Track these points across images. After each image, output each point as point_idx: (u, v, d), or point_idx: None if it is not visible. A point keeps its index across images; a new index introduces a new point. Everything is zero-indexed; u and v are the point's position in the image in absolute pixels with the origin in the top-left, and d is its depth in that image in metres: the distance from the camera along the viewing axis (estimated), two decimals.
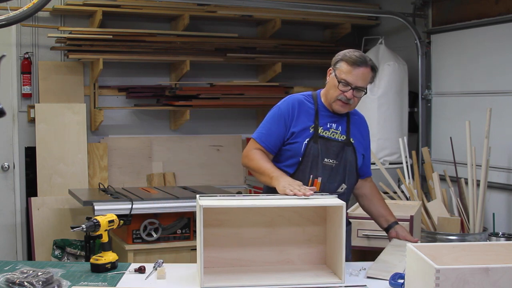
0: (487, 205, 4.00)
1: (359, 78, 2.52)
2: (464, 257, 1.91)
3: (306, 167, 2.56)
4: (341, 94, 2.54)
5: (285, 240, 2.39)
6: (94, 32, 4.58)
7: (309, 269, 2.36)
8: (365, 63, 2.53)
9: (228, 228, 2.37)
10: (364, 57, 2.56)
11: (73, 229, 2.31)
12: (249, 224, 2.38)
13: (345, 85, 2.53)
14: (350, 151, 2.62)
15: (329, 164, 2.58)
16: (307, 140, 2.56)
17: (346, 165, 2.60)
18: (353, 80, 2.52)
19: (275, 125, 2.62)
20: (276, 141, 2.61)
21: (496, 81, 4.09)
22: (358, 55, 2.55)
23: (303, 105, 2.63)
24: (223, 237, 2.36)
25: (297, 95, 2.69)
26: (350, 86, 2.52)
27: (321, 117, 2.61)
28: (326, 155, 2.57)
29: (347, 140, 2.62)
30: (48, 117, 4.62)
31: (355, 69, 2.52)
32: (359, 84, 2.53)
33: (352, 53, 2.56)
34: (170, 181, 5.01)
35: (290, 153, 2.60)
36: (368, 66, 2.54)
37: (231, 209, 2.35)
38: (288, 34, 5.32)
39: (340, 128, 2.63)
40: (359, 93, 2.54)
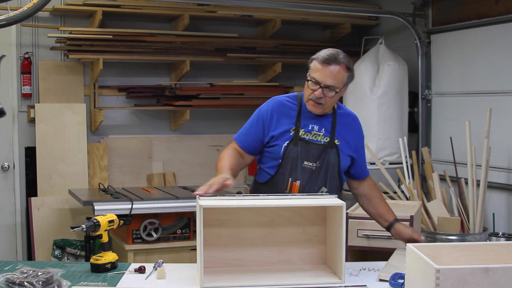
0: (487, 205, 4.00)
1: (328, 76, 2.47)
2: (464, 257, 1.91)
3: (286, 170, 2.55)
4: (312, 93, 2.51)
5: (285, 240, 2.40)
6: (94, 32, 4.58)
7: (309, 269, 2.36)
8: (336, 61, 2.47)
9: (228, 228, 2.37)
10: (336, 55, 2.49)
11: (73, 229, 2.31)
12: (249, 224, 2.38)
13: (314, 83, 2.50)
14: (333, 153, 2.57)
15: (308, 167, 2.55)
16: (286, 143, 2.54)
17: (328, 168, 2.57)
18: (321, 78, 2.48)
19: (253, 127, 2.63)
20: (254, 142, 2.61)
21: (496, 81, 4.09)
22: (329, 53, 2.49)
23: (285, 108, 2.61)
24: (223, 237, 2.36)
25: (280, 97, 2.67)
26: (319, 84, 2.48)
27: (303, 119, 2.58)
28: (306, 158, 2.55)
29: (330, 142, 2.57)
30: (48, 117, 4.62)
31: (325, 67, 2.47)
32: (328, 82, 2.47)
33: (325, 52, 2.51)
34: (170, 181, 5.01)
35: (271, 155, 2.59)
36: (339, 64, 2.47)
37: (231, 209, 2.35)
38: (288, 34, 5.32)
39: (324, 129, 2.59)
40: (330, 92, 2.49)
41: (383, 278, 2.22)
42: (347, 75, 2.52)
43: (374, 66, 4.62)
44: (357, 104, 4.62)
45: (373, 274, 2.31)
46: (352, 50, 5.39)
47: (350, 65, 2.53)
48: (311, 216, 2.40)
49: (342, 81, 2.51)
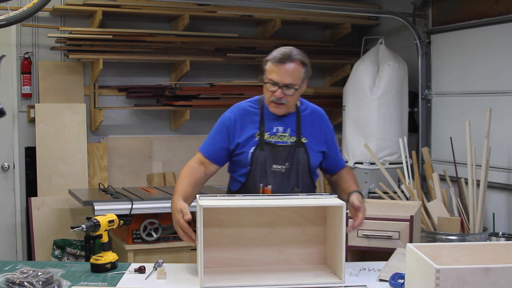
0: (487, 205, 4.00)
1: (285, 74, 2.43)
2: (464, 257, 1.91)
3: (256, 176, 2.52)
4: (272, 95, 2.47)
5: (285, 240, 2.40)
6: (94, 32, 4.58)
7: (309, 269, 2.36)
8: (290, 59, 2.44)
9: (228, 228, 2.37)
10: (289, 53, 2.45)
11: (73, 229, 2.31)
12: (249, 224, 2.38)
13: (273, 84, 2.46)
14: (301, 152, 2.55)
15: (278, 170, 2.53)
16: (253, 149, 2.52)
17: (298, 168, 2.54)
18: (278, 78, 2.44)
19: (218, 136, 2.59)
20: (219, 151, 2.57)
21: (496, 81, 4.09)
22: (282, 52, 2.46)
23: (248, 113, 2.57)
24: (223, 237, 2.37)
25: (242, 103, 2.63)
26: (278, 84, 2.45)
27: (267, 122, 2.55)
28: (274, 161, 2.52)
29: (297, 141, 2.54)
30: (48, 117, 4.62)
31: (279, 66, 2.43)
32: (286, 81, 2.44)
33: (278, 51, 2.47)
34: (170, 181, 5.01)
35: (239, 163, 2.57)
36: (293, 61, 2.44)
37: (231, 209, 2.35)
38: (288, 34, 5.32)
39: (289, 129, 2.56)
40: (289, 90, 2.45)
41: (383, 278, 2.22)
42: (304, 70, 2.48)
43: (374, 66, 4.62)
44: (357, 104, 4.62)
45: (373, 274, 2.31)
46: (352, 50, 5.40)
47: (305, 60, 2.49)
48: (311, 216, 2.40)
49: (299, 77, 2.47)
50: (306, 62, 2.50)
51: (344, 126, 4.77)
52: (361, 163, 4.58)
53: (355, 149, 4.60)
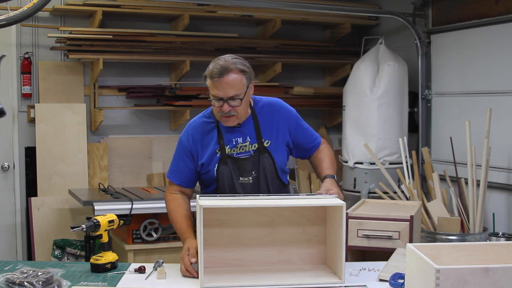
0: (487, 205, 4.00)
1: (226, 88, 2.36)
2: (464, 257, 1.91)
3: (224, 191, 2.48)
4: (220, 110, 2.41)
5: (285, 240, 2.40)
6: (94, 32, 4.58)
7: (309, 269, 2.36)
8: (227, 71, 2.35)
9: (228, 228, 2.37)
10: (224, 65, 2.36)
11: (73, 229, 2.31)
12: (249, 224, 2.38)
13: (217, 100, 2.39)
14: (265, 158, 2.49)
15: (246, 182, 2.50)
16: (216, 166, 2.47)
17: (265, 174, 2.51)
18: (221, 93, 2.37)
19: (181, 160, 2.54)
20: (188, 174, 2.53)
21: (496, 81, 4.09)
22: (218, 65, 2.37)
23: (204, 129, 2.53)
24: (223, 237, 2.37)
25: (196, 120, 2.58)
26: (222, 99, 2.38)
27: (225, 134, 2.50)
28: (240, 174, 2.49)
29: (259, 148, 2.49)
30: (48, 117, 4.62)
31: (219, 81, 2.36)
32: (229, 94, 2.36)
33: (213, 66, 2.40)
34: None
35: (207, 181, 2.53)
36: (231, 72, 2.36)
37: (231, 209, 2.35)
38: (288, 34, 5.32)
39: (248, 138, 2.50)
40: (235, 101, 2.37)
41: (383, 278, 2.22)
42: (245, 77, 2.40)
43: (374, 66, 4.62)
44: (357, 104, 4.62)
45: (373, 274, 2.31)
46: (352, 50, 5.40)
47: (243, 67, 2.40)
48: (311, 216, 2.40)
49: (242, 85, 2.39)
50: (245, 69, 2.41)
51: (344, 126, 4.77)
52: (361, 163, 4.58)
53: (355, 149, 4.60)
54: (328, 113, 5.58)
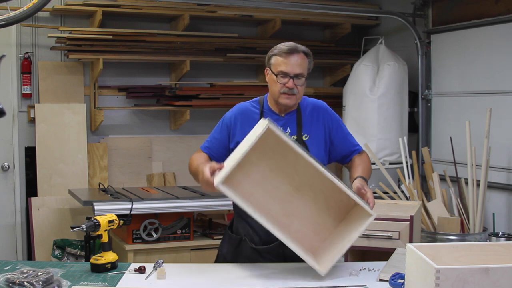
0: (487, 205, 4.00)
1: (295, 65, 2.48)
2: (464, 257, 1.91)
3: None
4: (283, 87, 2.49)
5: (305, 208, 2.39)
6: (94, 32, 4.58)
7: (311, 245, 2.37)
8: (297, 50, 2.49)
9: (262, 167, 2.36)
10: (294, 45, 2.52)
11: (73, 229, 2.31)
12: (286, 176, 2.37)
13: (284, 76, 2.48)
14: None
15: None
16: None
17: None
18: (289, 69, 2.47)
19: (218, 134, 2.63)
20: (219, 149, 2.59)
21: (496, 81, 4.09)
22: (287, 44, 2.51)
23: (248, 113, 2.59)
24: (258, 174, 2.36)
25: (243, 103, 2.66)
26: (289, 75, 2.47)
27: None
28: None
29: (298, 139, 2.53)
30: (48, 117, 4.62)
31: (288, 58, 2.48)
32: (296, 71, 2.47)
33: (282, 45, 2.52)
34: (170, 181, 5.01)
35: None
36: (300, 53, 2.50)
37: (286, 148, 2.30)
38: (288, 34, 5.31)
39: (289, 128, 2.56)
40: (299, 80, 2.49)
41: (383, 278, 2.22)
42: (308, 61, 2.53)
43: (374, 66, 4.62)
44: (357, 104, 4.62)
45: (373, 274, 2.31)
46: (352, 50, 5.40)
47: (309, 52, 2.55)
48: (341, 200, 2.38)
49: (306, 68, 2.52)
50: (310, 54, 2.55)
51: None
52: None
53: None
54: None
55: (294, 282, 2.22)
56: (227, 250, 2.63)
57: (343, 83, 4.98)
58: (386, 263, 2.38)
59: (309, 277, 2.27)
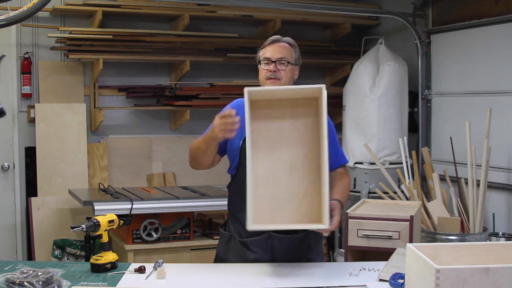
0: (487, 205, 4.00)
1: (276, 51, 2.62)
2: (464, 257, 1.91)
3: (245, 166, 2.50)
4: (267, 72, 2.62)
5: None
6: (94, 32, 4.58)
7: None
8: (279, 40, 2.66)
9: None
10: (278, 36, 2.68)
11: (73, 229, 2.31)
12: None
13: (267, 62, 2.62)
14: None
15: None
16: (243, 139, 2.55)
17: None
18: (271, 54, 2.62)
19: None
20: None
21: (496, 81, 4.09)
22: (273, 36, 2.69)
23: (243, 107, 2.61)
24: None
25: (241, 99, 2.71)
26: (271, 60, 2.61)
27: None
28: None
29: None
30: (48, 117, 4.62)
31: (271, 45, 2.64)
32: (278, 55, 2.61)
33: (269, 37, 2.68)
34: (170, 181, 5.01)
35: (231, 154, 2.63)
36: (282, 42, 2.66)
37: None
38: (288, 34, 5.22)
39: None
40: (282, 65, 2.60)
41: (383, 278, 2.22)
42: (293, 50, 2.67)
43: (374, 66, 4.62)
44: (357, 104, 4.62)
45: (373, 274, 2.31)
46: (352, 50, 5.40)
47: (293, 42, 2.70)
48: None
49: (291, 55, 2.65)
50: (294, 45, 2.69)
51: (344, 126, 4.77)
52: (361, 163, 4.59)
53: (355, 149, 4.60)
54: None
55: (294, 282, 2.22)
56: (219, 248, 2.67)
57: (343, 83, 4.98)
58: (386, 263, 2.38)
59: (310, 277, 2.27)
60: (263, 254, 2.52)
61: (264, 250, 2.52)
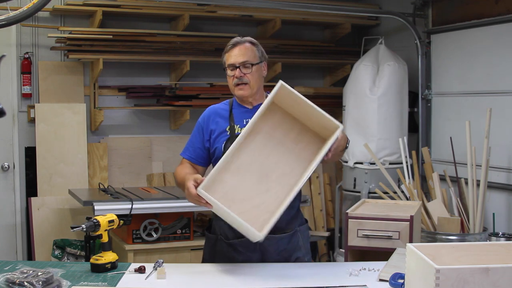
0: (487, 205, 4.00)
1: (238, 55, 2.57)
2: (464, 257, 1.91)
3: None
4: (234, 79, 2.58)
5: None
6: (94, 32, 4.58)
7: None
8: (239, 42, 2.60)
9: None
10: (238, 38, 2.63)
11: (73, 229, 2.31)
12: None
13: (232, 68, 2.58)
14: None
15: None
16: (224, 143, 2.58)
17: None
18: (234, 59, 2.57)
19: (195, 137, 2.68)
20: (199, 151, 2.65)
21: (496, 81, 4.09)
22: (232, 41, 2.63)
23: (219, 110, 2.67)
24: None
25: (213, 105, 2.73)
26: (235, 66, 2.56)
27: (236, 116, 2.63)
28: None
29: None
30: (48, 117, 4.62)
31: (232, 50, 2.59)
32: (240, 59, 2.56)
33: (229, 42, 2.63)
34: (170, 181, 5.01)
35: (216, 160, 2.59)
36: (243, 43, 2.60)
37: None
38: (288, 34, 5.32)
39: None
40: (247, 69, 2.56)
41: (383, 278, 2.22)
42: (256, 48, 2.61)
43: (374, 66, 4.62)
44: (357, 104, 4.62)
45: (373, 274, 2.31)
46: (352, 50, 5.40)
47: (254, 41, 2.64)
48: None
49: (254, 55, 2.59)
50: (255, 42, 2.64)
51: (344, 126, 4.76)
52: (361, 163, 4.59)
53: (355, 149, 4.60)
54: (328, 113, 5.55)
55: (294, 282, 2.22)
56: (206, 251, 2.68)
57: (343, 83, 4.98)
58: (386, 263, 2.38)
59: (310, 277, 2.27)
60: (251, 255, 2.52)
61: (253, 251, 2.52)
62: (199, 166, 2.67)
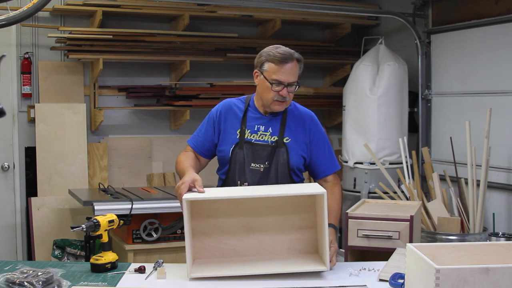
0: (487, 205, 4.00)
1: (289, 74, 2.51)
2: (464, 257, 1.91)
3: (234, 174, 2.58)
4: (277, 94, 2.53)
5: (270, 229, 2.39)
6: (94, 32, 4.58)
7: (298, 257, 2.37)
8: (291, 58, 2.52)
9: (215, 218, 2.37)
10: (289, 52, 2.54)
11: (73, 229, 2.31)
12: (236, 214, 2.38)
13: (278, 84, 2.52)
14: (282, 152, 2.57)
15: (256, 169, 2.57)
16: (232, 147, 2.58)
17: (277, 168, 2.57)
18: (284, 78, 2.51)
19: (205, 128, 2.67)
20: (205, 143, 2.65)
21: (496, 81, 4.09)
22: (282, 51, 2.53)
23: (234, 108, 2.65)
24: (210, 227, 2.38)
25: (230, 99, 2.71)
26: (283, 84, 2.51)
27: (249, 120, 2.61)
28: (253, 160, 2.57)
29: (279, 141, 2.58)
30: (48, 117, 4.62)
31: (283, 66, 2.51)
32: (290, 80, 2.52)
33: (276, 51, 2.53)
34: (170, 181, 5.01)
35: (222, 161, 2.65)
36: (294, 60, 2.53)
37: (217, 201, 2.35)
38: (288, 34, 5.32)
39: (271, 129, 2.60)
40: (292, 88, 2.54)
41: (383, 278, 2.22)
42: (299, 66, 2.58)
43: (374, 66, 4.62)
44: (357, 104, 4.62)
45: (373, 274, 2.31)
46: (352, 50, 5.40)
47: (301, 58, 2.59)
48: (299, 203, 2.38)
49: (298, 74, 2.57)
50: (302, 60, 2.59)
51: (344, 126, 4.77)
52: (361, 163, 4.59)
53: (355, 149, 4.61)
54: (328, 113, 5.57)
55: (294, 282, 2.22)
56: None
57: (343, 83, 4.98)
58: (386, 263, 2.38)
59: (310, 276, 2.27)
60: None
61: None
62: (202, 158, 2.68)
